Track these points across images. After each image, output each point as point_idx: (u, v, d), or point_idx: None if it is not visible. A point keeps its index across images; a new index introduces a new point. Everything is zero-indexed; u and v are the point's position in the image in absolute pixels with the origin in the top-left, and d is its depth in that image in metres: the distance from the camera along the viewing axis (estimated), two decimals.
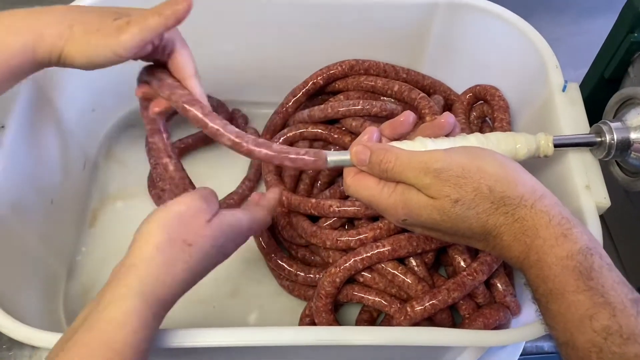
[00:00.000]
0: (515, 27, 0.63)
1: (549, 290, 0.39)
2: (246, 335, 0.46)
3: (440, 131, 0.48)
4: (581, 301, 0.37)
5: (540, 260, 0.39)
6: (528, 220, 0.40)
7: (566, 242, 0.39)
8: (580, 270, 0.38)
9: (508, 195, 0.41)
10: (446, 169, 0.42)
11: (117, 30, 0.45)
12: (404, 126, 0.48)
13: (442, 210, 0.42)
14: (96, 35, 0.45)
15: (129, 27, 0.45)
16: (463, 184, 0.42)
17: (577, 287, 0.38)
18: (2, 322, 0.45)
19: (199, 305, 0.63)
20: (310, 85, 0.68)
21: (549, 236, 0.40)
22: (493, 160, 0.43)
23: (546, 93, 0.59)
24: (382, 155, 0.45)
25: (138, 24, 0.45)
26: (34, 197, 0.58)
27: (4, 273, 0.51)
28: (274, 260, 0.62)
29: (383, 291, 0.58)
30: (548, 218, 0.40)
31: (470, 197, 0.42)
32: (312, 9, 0.65)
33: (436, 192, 0.42)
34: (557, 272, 0.39)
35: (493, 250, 0.43)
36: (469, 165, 0.42)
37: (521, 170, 0.43)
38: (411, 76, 0.70)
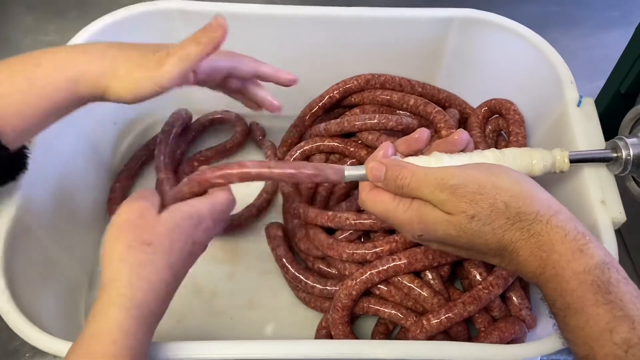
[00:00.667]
0: (530, 42, 0.64)
1: (567, 304, 0.39)
2: (264, 349, 0.47)
3: (454, 147, 0.49)
4: (600, 315, 0.37)
5: (557, 275, 0.40)
6: (544, 236, 0.41)
7: (583, 257, 0.39)
8: (598, 284, 0.38)
9: (524, 211, 0.41)
10: (462, 185, 0.43)
11: (157, 62, 0.46)
12: (419, 143, 0.49)
13: (459, 226, 0.43)
14: (139, 69, 0.46)
15: (168, 58, 0.46)
16: (479, 200, 0.42)
17: (595, 301, 0.38)
18: (27, 331, 0.46)
19: (216, 316, 0.64)
20: (327, 99, 0.69)
21: (565, 251, 0.40)
22: (508, 176, 0.43)
23: (561, 108, 0.60)
24: (398, 172, 0.45)
25: (177, 54, 0.46)
26: (58, 207, 0.59)
27: (30, 282, 0.52)
28: (290, 272, 0.63)
29: (399, 304, 0.59)
30: (564, 233, 0.40)
31: (487, 213, 0.42)
32: (328, 24, 0.66)
33: (452, 208, 0.43)
34: (574, 286, 0.39)
35: (509, 266, 0.44)
36: (485, 181, 0.43)
37: (536, 186, 0.44)
38: (427, 90, 0.70)
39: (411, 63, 0.70)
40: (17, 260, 0.51)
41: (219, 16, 0.46)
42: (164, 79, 0.46)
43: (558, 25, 0.91)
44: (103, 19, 0.63)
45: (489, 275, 0.57)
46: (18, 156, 0.48)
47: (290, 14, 0.66)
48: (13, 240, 0.50)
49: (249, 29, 0.67)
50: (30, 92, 0.45)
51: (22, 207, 0.52)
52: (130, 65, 0.46)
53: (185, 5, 0.65)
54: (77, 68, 0.46)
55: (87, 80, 0.46)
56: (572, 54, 0.65)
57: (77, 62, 0.46)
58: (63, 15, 0.90)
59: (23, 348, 0.63)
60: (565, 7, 0.94)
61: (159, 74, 0.46)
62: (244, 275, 0.66)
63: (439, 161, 0.47)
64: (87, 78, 0.46)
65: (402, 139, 0.49)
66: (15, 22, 0.90)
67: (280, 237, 0.65)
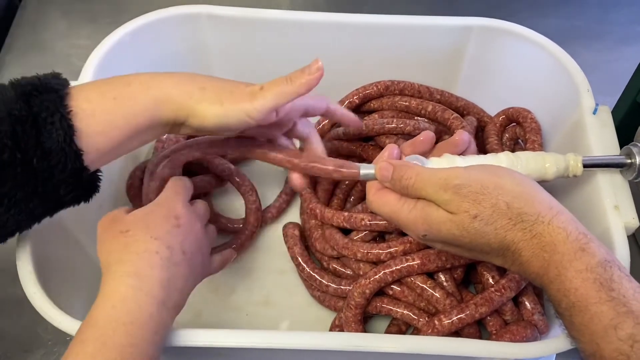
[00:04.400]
0: (547, 50, 0.64)
1: (571, 303, 0.40)
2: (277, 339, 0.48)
3: (455, 148, 0.51)
4: (604, 312, 0.38)
5: (560, 275, 0.40)
6: (546, 236, 0.42)
7: (584, 256, 0.40)
8: (601, 281, 0.39)
9: (525, 212, 0.42)
10: (465, 185, 0.44)
11: (250, 94, 0.46)
12: (424, 145, 0.51)
13: (461, 225, 0.44)
14: (229, 98, 0.46)
15: (263, 92, 0.46)
16: (481, 200, 0.43)
17: (599, 298, 0.39)
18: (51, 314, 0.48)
19: (233, 312, 0.65)
20: (347, 104, 0.71)
21: (567, 251, 0.41)
22: (511, 178, 0.45)
23: (577, 115, 0.60)
24: (404, 172, 0.47)
25: (271, 90, 0.46)
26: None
27: (56, 269, 0.54)
28: (306, 271, 0.64)
29: (412, 304, 0.59)
30: (565, 234, 0.41)
31: (489, 213, 0.43)
32: (350, 31, 0.68)
33: (455, 208, 0.44)
34: (577, 285, 0.40)
35: (512, 266, 0.45)
36: (487, 181, 0.44)
37: (538, 188, 0.45)
38: (445, 97, 0.71)
39: (430, 70, 0.71)
40: (44, 247, 0.53)
41: (318, 60, 0.47)
42: (255, 111, 0.46)
43: (580, 39, 0.92)
44: (132, 22, 0.66)
45: (502, 278, 0.57)
46: (95, 177, 0.48)
47: (313, 20, 0.68)
48: (41, 228, 0.52)
49: (272, 34, 0.69)
50: (117, 112, 0.45)
51: None
52: (220, 92, 0.47)
53: (213, 9, 0.68)
54: (165, 90, 0.46)
55: (173, 102, 0.46)
56: (593, 67, 0.66)
57: (166, 85, 0.47)
58: (96, 20, 0.94)
59: (45, 336, 0.65)
60: (588, 22, 0.95)
61: (251, 105, 0.46)
62: (261, 273, 0.68)
63: (450, 162, 0.49)
64: (173, 100, 0.46)
65: (408, 141, 0.51)
66: (51, 27, 0.94)
67: (296, 236, 0.66)
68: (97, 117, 0.45)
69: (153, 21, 0.67)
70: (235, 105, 0.46)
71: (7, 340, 0.64)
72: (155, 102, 0.46)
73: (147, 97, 0.46)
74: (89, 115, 0.44)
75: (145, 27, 0.66)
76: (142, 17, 0.66)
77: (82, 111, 0.44)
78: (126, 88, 0.46)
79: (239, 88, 0.47)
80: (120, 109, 0.45)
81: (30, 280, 0.49)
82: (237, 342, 0.47)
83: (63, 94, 0.44)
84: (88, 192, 0.49)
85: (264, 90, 0.47)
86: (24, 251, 0.50)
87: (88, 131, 0.44)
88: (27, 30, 0.93)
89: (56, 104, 0.43)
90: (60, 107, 0.43)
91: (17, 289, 0.49)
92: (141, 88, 0.46)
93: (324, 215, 0.64)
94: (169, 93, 0.46)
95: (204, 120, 0.47)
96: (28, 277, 0.49)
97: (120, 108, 0.45)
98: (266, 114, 0.47)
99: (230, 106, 0.46)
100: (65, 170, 0.44)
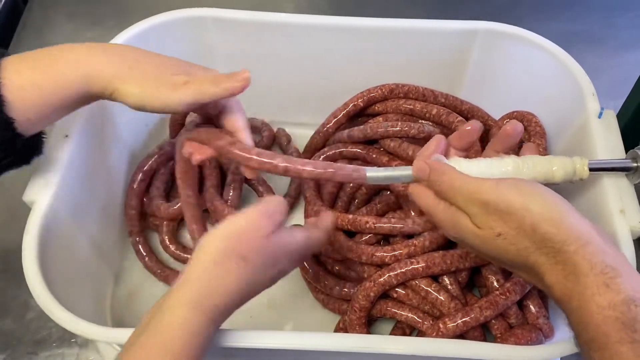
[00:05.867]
0: (552, 54, 0.65)
1: (591, 338, 0.39)
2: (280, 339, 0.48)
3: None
4: (624, 353, 0.37)
5: (582, 308, 0.39)
6: (569, 265, 0.40)
7: (608, 292, 0.38)
8: (623, 321, 0.37)
9: (550, 238, 0.41)
10: (493, 202, 0.43)
11: (173, 86, 0.48)
12: (472, 134, 0.50)
13: (485, 240, 0.44)
14: (152, 84, 0.48)
15: (184, 87, 0.48)
16: (507, 219, 0.43)
17: (620, 338, 0.37)
18: (58, 313, 0.48)
19: (236, 314, 0.64)
20: (351, 107, 0.71)
21: (590, 284, 0.39)
22: (541, 198, 0.43)
23: (582, 119, 0.60)
24: (438, 177, 0.47)
25: (194, 87, 0.48)
26: (89, 202, 0.62)
27: (61, 271, 0.54)
28: (310, 273, 0.64)
29: (416, 308, 0.59)
30: (590, 266, 0.40)
31: (513, 234, 0.43)
32: (355, 34, 0.68)
33: (481, 223, 0.44)
34: (598, 321, 0.38)
35: (538, 285, 0.44)
36: (515, 200, 0.43)
37: (569, 211, 0.43)
38: (449, 101, 0.72)
39: (435, 74, 0.71)
40: (50, 249, 0.53)
41: (246, 71, 0.48)
42: (173, 102, 0.48)
43: (584, 43, 0.92)
44: (137, 25, 0.66)
45: (507, 281, 0.57)
46: (34, 142, 0.50)
47: (317, 23, 0.68)
48: (47, 230, 0.52)
49: (277, 38, 0.69)
50: (46, 86, 0.47)
51: (56, 199, 0.54)
52: (145, 77, 0.48)
53: (218, 12, 0.68)
54: (94, 67, 0.48)
55: (100, 79, 0.48)
56: (597, 72, 0.66)
57: (95, 62, 0.48)
58: (101, 23, 0.94)
59: (50, 338, 0.65)
60: (592, 26, 0.95)
61: (170, 96, 0.48)
62: None
63: (456, 164, 0.49)
64: (101, 77, 0.48)
65: (456, 133, 0.51)
66: (56, 30, 0.94)
67: None
68: (27, 90, 0.46)
69: (158, 24, 0.67)
70: (156, 92, 0.48)
71: (12, 342, 0.64)
72: (84, 77, 0.47)
73: (77, 72, 0.47)
74: (18, 87, 0.45)
75: (151, 29, 0.67)
76: (147, 20, 0.67)
77: (11, 83, 0.45)
78: (57, 62, 0.47)
79: (164, 75, 0.48)
80: (49, 83, 0.47)
81: (36, 281, 0.49)
82: (244, 343, 0.47)
83: None
84: (26, 156, 0.50)
85: (187, 86, 0.48)
86: (30, 252, 0.50)
87: (18, 102, 0.45)
88: (33, 33, 0.93)
89: None
90: None
91: (22, 291, 0.50)
92: (72, 62, 0.48)
93: None
94: (98, 70, 0.48)
95: (124, 100, 0.48)
96: (34, 278, 0.49)
97: (50, 81, 0.47)
98: (184, 107, 0.49)
99: (151, 92, 0.48)
100: None
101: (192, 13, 0.68)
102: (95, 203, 0.63)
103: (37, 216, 0.52)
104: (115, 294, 0.67)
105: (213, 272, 0.43)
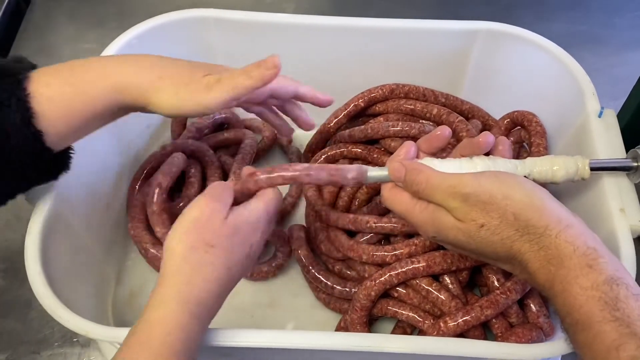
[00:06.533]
0: (552, 54, 0.65)
1: (575, 320, 0.39)
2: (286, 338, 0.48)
3: (478, 150, 0.50)
4: (607, 332, 0.37)
5: (565, 291, 0.40)
6: (552, 250, 0.41)
7: (591, 273, 0.40)
8: (606, 300, 0.38)
9: (533, 224, 0.42)
10: (474, 194, 0.44)
11: (206, 87, 0.47)
12: (440, 140, 0.50)
13: (468, 233, 0.44)
14: (185, 89, 0.47)
15: (218, 85, 0.47)
16: (489, 209, 0.43)
17: (602, 317, 0.38)
18: (60, 313, 0.48)
19: (238, 313, 0.65)
20: (352, 107, 0.71)
21: (574, 266, 0.40)
22: (520, 187, 0.44)
23: (582, 119, 0.61)
24: (415, 176, 0.47)
25: (227, 83, 0.47)
26: (91, 203, 0.62)
27: (64, 270, 0.55)
28: (311, 272, 0.64)
29: (417, 307, 0.59)
30: (572, 248, 0.41)
31: (496, 223, 0.43)
32: (355, 34, 0.69)
33: (463, 216, 0.44)
34: (582, 302, 0.39)
35: (521, 275, 0.45)
36: (496, 191, 0.44)
37: (548, 198, 0.44)
38: (450, 101, 0.72)
39: (435, 74, 0.72)
40: (53, 248, 0.53)
41: (275, 55, 0.48)
42: (210, 104, 0.47)
43: (585, 44, 0.92)
44: (139, 26, 0.67)
45: (507, 280, 0.58)
46: (62, 156, 0.49)
47: (318, 24, 0.68)
48: (49, 230, 0.53)
49: (278, 38, 0.69)
50: (76, 98, 0.46)
51: (59, 199, 0.54)
52: (177, 83, 0.48)
53: (220, 13, 0.68)
54: (123, 78, 0.47)
55: (131, 91, 0.47)
56: (598, 72, 0.66)
57: (125, 73, 0.48)
58: (102, 25, 0.95)
59: (52, 337, 0.65)
60: (593, 27, 0.95)
61: (206, 98, 0.47)
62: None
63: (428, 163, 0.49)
64: (132, 89, 0.47)
65: (424, 137, 0.51)
66: (58, 31, 0.95)
67: (302, 238, 0.66)
68: (56, 102, 0.45)
69: (160, 25, 0.67)
70: (191, 96, 0.47)
71: (14, 341, 0.65)
72: (114, 90, 0.47)
73: (106, 85, 0.47)
74: (48, 99, 0.45)
75: (152, 30, 0.67)
76: (149, 21, 0.67)
77: (40, 95, 0.45)
78: (86, 74, 0.47)
79: (196, 78, 0.48)
80: (79, 95, 0.46)
81: (39, 280, 0.49)
82: (245, 342, 0.47)
83: (21, 77, 0.45)
84: (55, 170, 0.50)
85: (220, 84, 0.47)
86: (32, 252, 0.51)
87: (47, 115, 0.45)
88: (35, 34, 0.94)
89: (13, 87, 0.44)
90: (18, 90, 0.44)
91: (25, 290, 0.50)
92: (101, 75, 0.47)
93: (329, 217, 0.64)
94: (127, 82, 0.47)
95: (160, 109, 0.48)
96: (37, 278, 0.49)
97: (79, 94, 0.46)
98: (221, 106, 0.48)
99: (186, 97, 0.47)
100: (26, 152, 0.45)
101: (193, 14, 0.69)
102: (97, 203, 0.64)
103: (39, 217, 0.52)
104: (117, 293, 0.67)
105: (187, 267, 0.44)
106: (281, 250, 0.67)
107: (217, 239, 0.45)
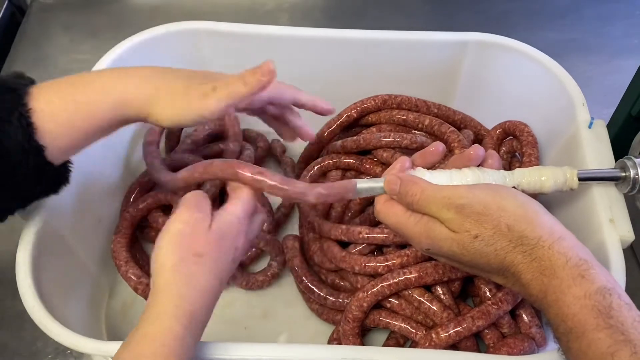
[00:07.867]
0: (544, 65, 0.65)
1: (569, 329, 0.40)
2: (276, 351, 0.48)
3: (469, 163, 0.50)
4: (602, 339, 0.38)
5: (559, 300, 0.40)
6: (545, 261, 0.42)
7: (584, 283, 0.40)
8: (599, 309, 0.39)
9: (526, 235, 0.43)
10: (468, 205, 0.44)
11: (203, 95, 0.47)
12: (434, 155, 0.51)
13: (462, 244, 0.44)
14: (182, 98, 0.47)
15: (215, 93, 0.47)
16: (483, 220, 0.44)
17: (596, 325, 0.38)
18: (51, 327, 0.48)
19: (231, 325, 0.66)
20: (345, 117, 0.71)
21: (567, 276, 0.41)
22: (514, 199, 0.45)
23: (573, 129, 0.61)
24: (409, 187, 0.47)
25: (223, 90, 0.47)
26: (84, 214, 0.62)
27: (56, 284, 0.55)
28: (304, 283, 0.64)
29: (409, 318, 0.60)
30: (565, 259, 0.41)
31: (489, 234, 0.43)
32: (347, 46, 0.69)
33: (457, 227, 0.44)
34: (575, 310, 0.39)
35: (513, 287, 0.45)
36: (490, 202, 0.44)
37: (541, 211, 0.45)
38: (442, 111, 0.72)
39: (427, 84, 0.72)
40: (44, 262, 0.53)
41: (270, 61, 0.48)
42: (207, 112, 0.47)
43: (576, 52, 0.93)
44: (133, 37, 0.67)
45: (499, 291, 0.58)
46: (62, 170, 0.49)
47: (311, 36, 0.69)
48: (41, 243, 0.53)
49: (271, 50, 0.70)
50: (78, 114, 0.46)
51: (51, 212, 0.54)
52: (174, 94, 0.48)
53: (212, 25, 0.69)
54: (122, 93, 0.47)
55: (132, 104, 0.47)
56: (589, 80, 0.67)
57: (123, 87, 0.48)
58: (97, 36, 0.95)
59: (45, 349, 0.65)
60: (585, 35, 0.96)
61: (202, 106, 0.47)
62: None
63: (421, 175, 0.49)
64: (133, 103, 0.47)
65: (419, 152, 0.51)
66: (53, 42, 0.95)
67: (296, 248, 0.66)
68: (58, 118, 0.46)
69: (153, 37, 0.68)
70: (188, 106, 0.48)
71: (7, 354, 0.65)
72: (116, 105, 0.47)
73: (107, 100, 0.47)
74: (49, 115, 0.45)
75: (146, 42, 0.67)
76: (143, 33, 0.67)
77: (41, 111, 0.45)
78: (86, 90, 0.47)
79: (192, 88, 0.48)
80: (79, 112, 0.47)
81: (29, 293, 0.49)
82: (237, 355, 0.47)
83: (22, 93, 0.45)
84: (56, 184, 0.50)
85: (217, 91, 0.47)
86: (24, 265, 0.51)
87: (48, 130, 0.45)
88: (30, 45, 0.94)
89: (15, 103, 0.44)
90: (19, 106, 0.44)
91: (17, 302, 0.50)
92: (102, 91, 0.48)
93: (322, 228, 0.64)
94: (128, 96, 0.47)
95: (159, 121, 0.48)
96: (27, 291, 0.49)
97: (80, 111, 0.47)
98: (219, 114, 0.48)
99: (182, 106, 0.48)
100: (27, 166, 0.45)
101: (187, 26, 0.69)
102: (90, 215, 0.64)
103: (31, 230, 0.52)
104: (110, 305, 0.67)
105: (178, 279, 0.44)
106: (276, 259, 0.67)
107: (204, 247, 0.46)
